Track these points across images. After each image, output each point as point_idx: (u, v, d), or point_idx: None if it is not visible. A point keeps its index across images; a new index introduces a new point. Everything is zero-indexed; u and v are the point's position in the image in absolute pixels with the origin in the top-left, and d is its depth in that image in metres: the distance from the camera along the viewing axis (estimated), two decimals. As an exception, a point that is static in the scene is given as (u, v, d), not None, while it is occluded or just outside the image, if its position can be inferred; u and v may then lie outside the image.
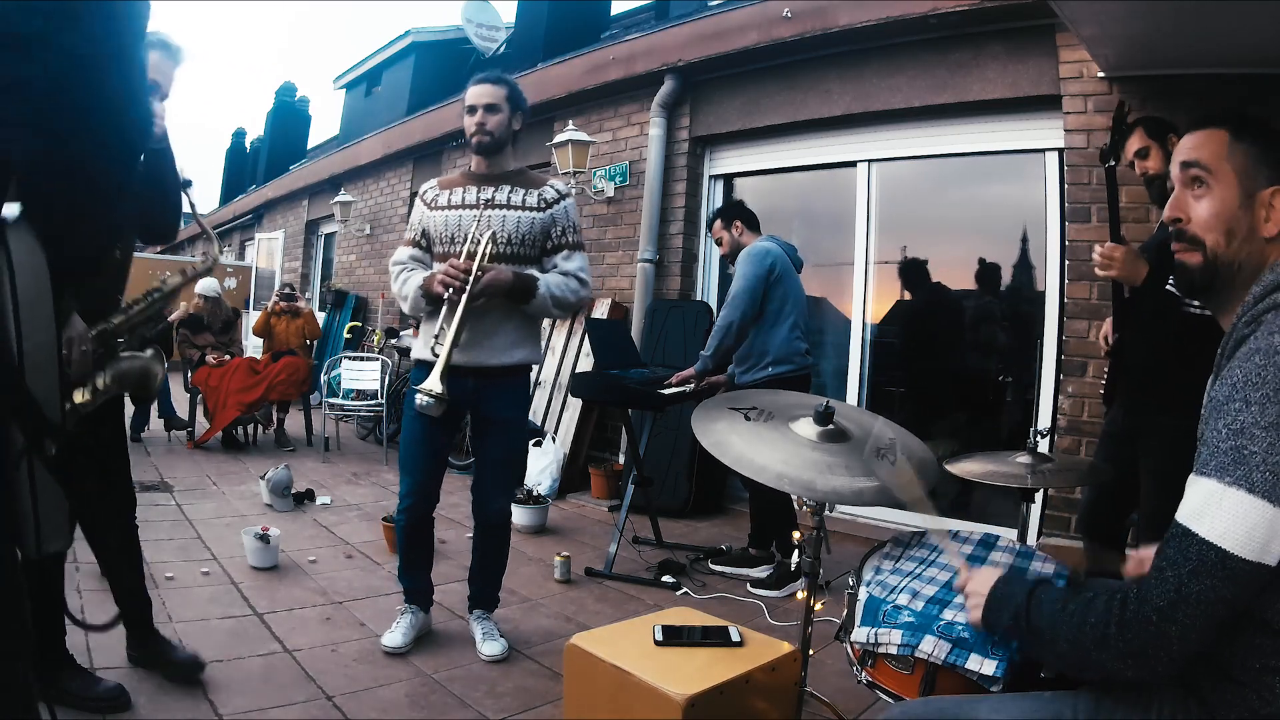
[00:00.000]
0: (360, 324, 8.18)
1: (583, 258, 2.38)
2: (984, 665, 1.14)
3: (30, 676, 0.90)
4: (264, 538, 2.99)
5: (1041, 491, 2.97)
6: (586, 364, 4.72)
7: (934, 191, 4.22)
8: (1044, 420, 3.45)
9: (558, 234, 2.34)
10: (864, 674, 1.31)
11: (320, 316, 8.19)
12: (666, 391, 3.21)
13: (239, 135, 17.16)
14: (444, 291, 2.19)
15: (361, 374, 6.04)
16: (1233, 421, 0.83)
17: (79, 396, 1.58)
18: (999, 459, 1.92)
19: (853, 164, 4.28)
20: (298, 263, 10.53)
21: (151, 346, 1.73)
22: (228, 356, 5.61)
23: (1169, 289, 1.94)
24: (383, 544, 3.41)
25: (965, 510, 3.80)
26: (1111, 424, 2.33)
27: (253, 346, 7.58)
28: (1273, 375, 0.82)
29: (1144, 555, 1.20)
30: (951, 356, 4.26)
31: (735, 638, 1.57)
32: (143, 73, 1.04)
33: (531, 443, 4.56)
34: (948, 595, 1.30)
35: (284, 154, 13.26)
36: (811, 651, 1.54)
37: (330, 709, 1.97)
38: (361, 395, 5.98)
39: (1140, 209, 2.93)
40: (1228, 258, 0.97)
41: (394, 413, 5.53)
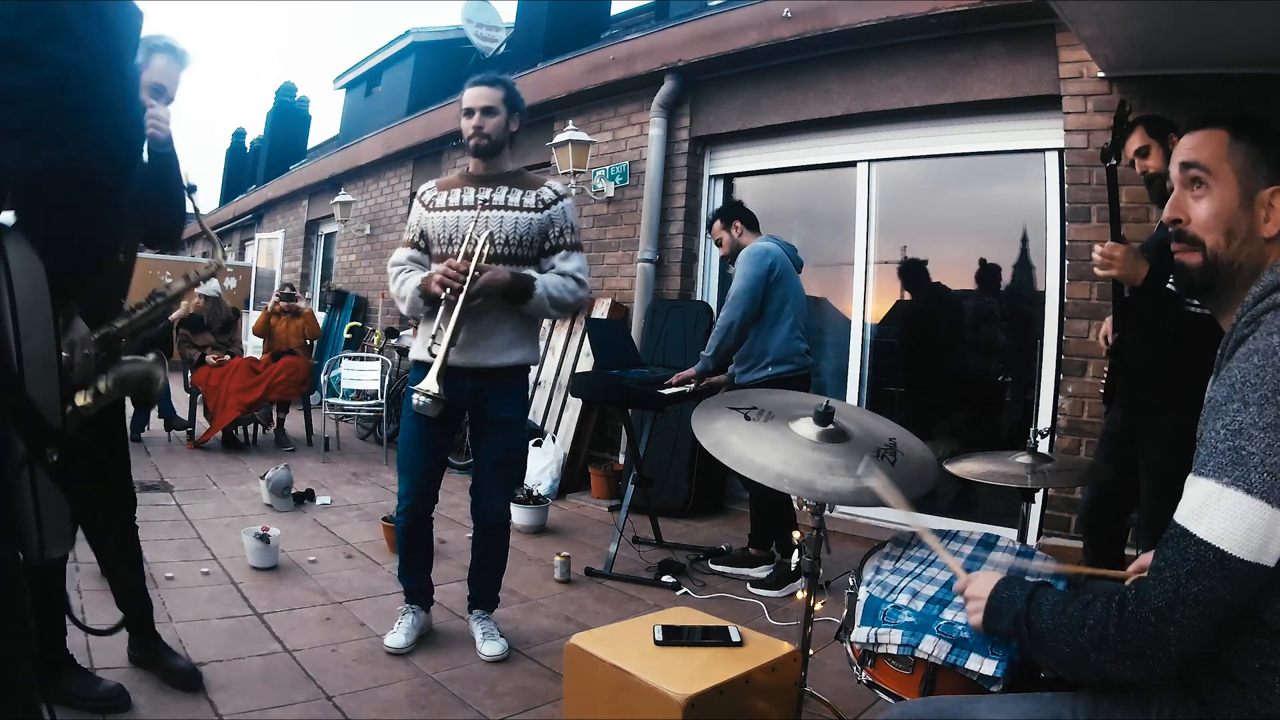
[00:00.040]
0: (360, 324, 8.18)
1: (580, 258, 2.37)
2: (984, 665, 1.14)
3: (32, 677, 0.90)
4: (264, 538, 2.99)
5: (1041, 491, 2.97)
6: (586, 364, 4.72)
7: (934, 191, 4.22)
8: (1044, 420, 3.45)
9: (555, 235, 2.34)
10: (864, 674, 1.31)
11: (320, 316, 8.19)
12: (666, 391, 3.21)
13: (239, 135, 17.17)
14: (441, 292, 2.19)
15: (361, 374, 6.05)
16: (1231, 422, 0.83)
17: (80, 399, 1.58)
18: (999, 459, 1.92)
19: (853, 164, 4.28)
20: (298, 263, 10.53)
21: (154, 350, 1.74)
22: (228, 356, 5.60)
23: (1170, 288, 1.94)
24: (383, 544, 3.41)
25: (965, 510, 3.80)
26: (1111, 424, 2.33)
27: (253, 346, 7.57)
28: (1271, 376, 0.82)
29: (1145, 561, 1.20)
30: (951, 356, 4.26)
31: (735, 638, 1.57)
32: (136, 76, 1.05)
33: (531, 443, 4.57)
34: (948, 595, 1.30)
35: (284, 154, 13.25)
36: (811, 651, 1.54)
37: (330, 709, 1.97)
38: (361, 395, 5.99)
39: (1140, 209, 2.93)
40: (1227, 258, 0.97)
41: (394, 413, 5.52)
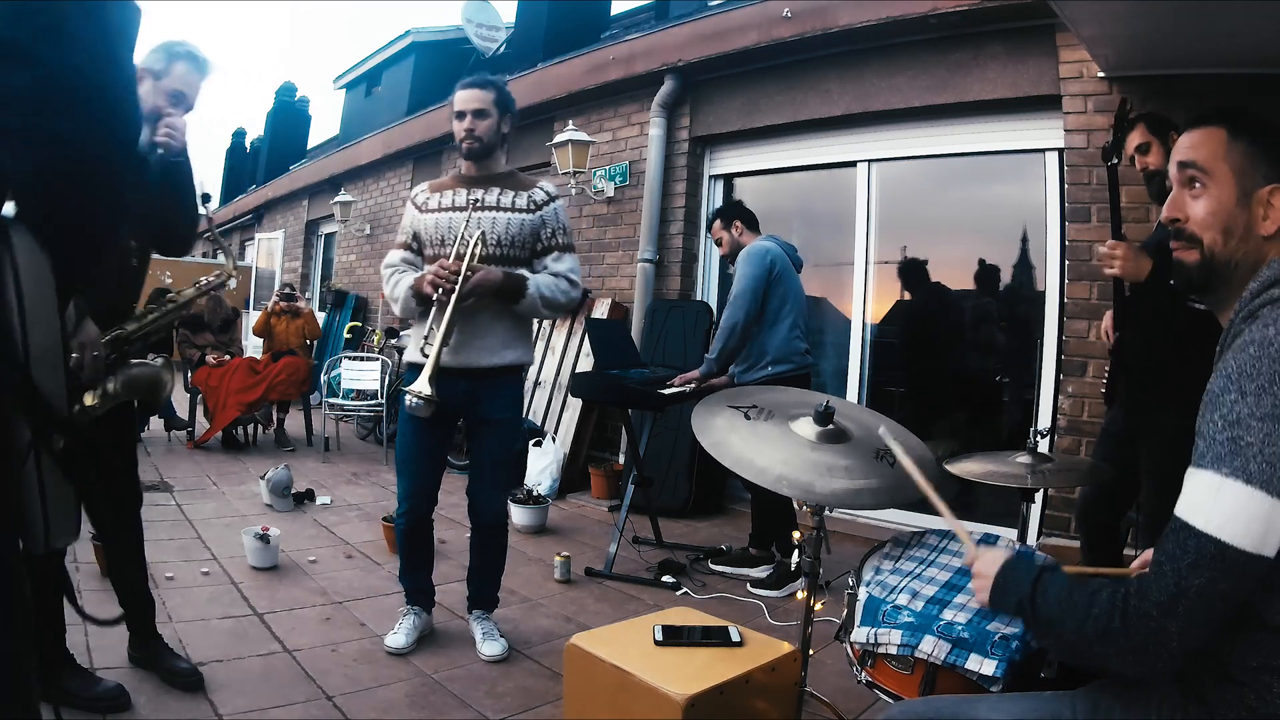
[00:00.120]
0: (360, 324, 8.18)
1: (573, 259, 2.37)
2: (984, 665, 1.14)
3: (33, 677, 0.91)
4: (264, 538, 2.99)
5: (1041, 491, 2.97)
6: (586, 364, 4.72)
7: (934, 191, 4.22)
8: (1044, 420, 3.45)
9: (547, 235, 2.34)
10: (864, 674, 1.31)
11: (320, 316, 8.19)
12: (666, 392, 3.21)
13: (239, 135, 17.15)
14: (433, 292, 2.19)
15: (361, 374, 6.05)
16: (1229, 413, 0.83)
17: (89, 399, 1.59)
18: (999, 459, 1.92)
19: (853, 164, 4.27)
20: (298, 263, 10.52)
21: (162, 355, 1.75)
22: (228, 356, 5.60)
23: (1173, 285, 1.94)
24: (383, 544, 3.41)
25: (966, 510, 3.80)
26: (1112, 423, 2.33)
27: (253, 346, 7.57)
28: (1267, 366, 0.82)
29: (1148, 558, 1.20)
30: (952, 356, 4.26)
31: (735, 638, 1.57)
32: (134, 75, 1.05)
33: (531, 443, 4.57)
34: (947, 595, 1.30)
35: (284, 154, 13.24)
36: (811, 651, 1.54)
37: (330, 709, 1.97)
38: (361, 395, 5.99)
39: (1140, 208, 2.93)
40: (1225, 256, 0.97)
41: (394, 413, 5.51)
